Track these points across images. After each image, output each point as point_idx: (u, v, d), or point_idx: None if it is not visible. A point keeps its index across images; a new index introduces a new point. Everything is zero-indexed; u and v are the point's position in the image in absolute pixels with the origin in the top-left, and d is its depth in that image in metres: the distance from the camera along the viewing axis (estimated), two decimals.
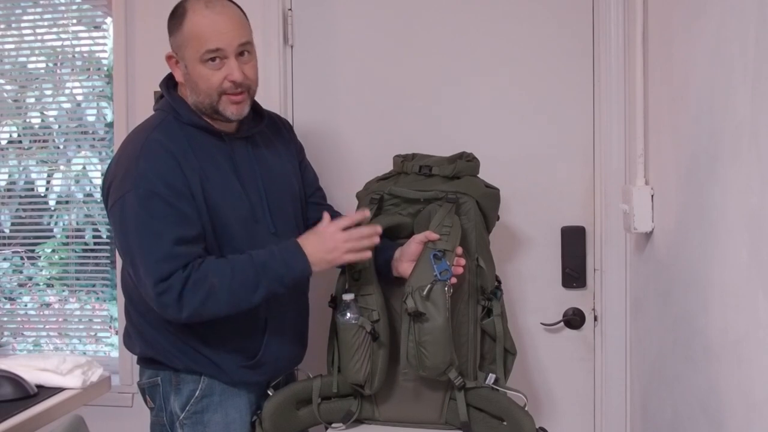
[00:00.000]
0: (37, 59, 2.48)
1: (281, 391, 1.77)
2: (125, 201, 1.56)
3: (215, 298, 1.55)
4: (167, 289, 1.53)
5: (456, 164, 1.80)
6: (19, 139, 2.51)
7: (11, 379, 1.58)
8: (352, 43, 2.23)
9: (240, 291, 1.57)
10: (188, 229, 1.57)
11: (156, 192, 1.55)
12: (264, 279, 1.57)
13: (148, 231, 1.55)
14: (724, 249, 1.23)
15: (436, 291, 1.59)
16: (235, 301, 1.58)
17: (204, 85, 1.62)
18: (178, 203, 1.56)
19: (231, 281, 1.56)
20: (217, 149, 1.68)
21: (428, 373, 1.63)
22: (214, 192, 1.63)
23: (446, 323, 1.59)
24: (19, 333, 2.57)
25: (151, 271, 1.54)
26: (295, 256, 1.60)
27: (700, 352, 1.37)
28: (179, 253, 1.54)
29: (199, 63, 1.61)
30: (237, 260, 1.59)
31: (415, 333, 1.60)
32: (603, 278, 2.10)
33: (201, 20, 1.60)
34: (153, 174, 1.57)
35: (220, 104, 1.64)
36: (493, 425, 1.69)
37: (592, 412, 2.15)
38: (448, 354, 1.61)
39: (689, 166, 1.44)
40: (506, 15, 2.14)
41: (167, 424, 1.72)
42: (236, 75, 1.62)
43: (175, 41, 1.65)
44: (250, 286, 1.57)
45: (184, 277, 1.54)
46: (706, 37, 1.33)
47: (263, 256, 1.59)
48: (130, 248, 1.58)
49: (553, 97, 2.13)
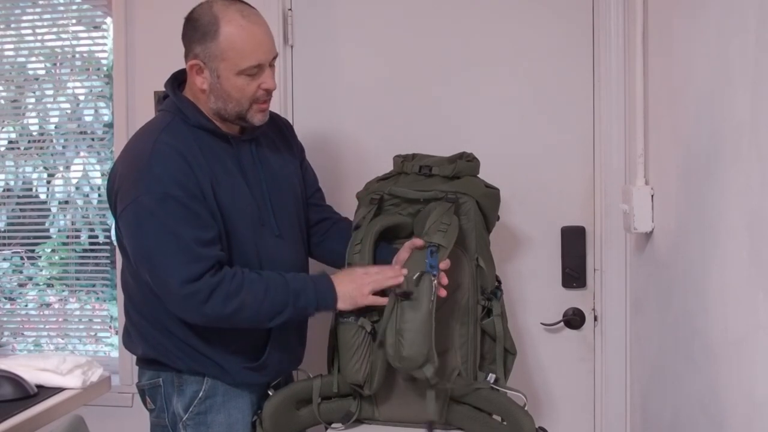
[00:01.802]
0: (36, 60, 2.48)
1: (281, 391, 1.77)
2: (139, 204, 1.55)
3: (242, 314, 1.57)
4: (195, 292, 1.53)
5: (456, 164, 1.80)
6: (18, 140, 2.51)
7: (11, 379, 1.58)
8: (352, 43, 2.23)
9: (267, 313, 1.60)
10: (206, 231, 1.57)
11: (171, 194, 1.55)
12: (292, 307, 1.60)
13: (166, 233, 1.54)
14: (724, 249, 1.23)
15: (425, 280, 1.58)
16: (257, 320, 1.61)
17: (237, 95, 1.62)
18: (193, 205, 1.56)
19: (262, 302, 1.58)
20: (224, 152, 1.67)
21: (404, 364, 1.58)
22: (224, 195, 1.63)
23: (428, 316, 1.56)
24: (19, 333, 2.57)
25: (177, 273, 1.53)
26: (326, 293, 1.63)
27: (700, 352, 1.37)
28: (203, 255, 1.55)
29: (235, 75, 1.60)
30: (272, 281, 1.60)
31: (396, 320, 1.58)
32: (603, 278, 2.10)
33: (240, 32, 1.58)
34: (166, 176, 1.56)
35: (249, 112, 1.65)
36: (492, 425, 1.69)
37: (592, 412, 2.15)
38: (425, 346, 1.57)
39: (689, 166, 1.44)
40: (506, 15, 2.14)
41: (169, 425, 1.71)
42: (272, 84, 1.64)
43: (205, 51, 1.60)
44: (277, 309, 1.60)
45: (215, 282, 1.54)
46: (706, 37, 1.33)
47: (298, 284, 1.62)
48: (148, 251, 1.57)
49: (553, 97, 2.13)
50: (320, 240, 1.89)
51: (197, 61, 1.61)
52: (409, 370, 1.61)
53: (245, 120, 1.66)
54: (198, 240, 1.55)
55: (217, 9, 1.60)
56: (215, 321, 1.58)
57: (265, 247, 1.68)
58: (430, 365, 1.58)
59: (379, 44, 2.21)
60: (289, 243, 1.76)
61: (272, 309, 1.59)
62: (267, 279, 1.60)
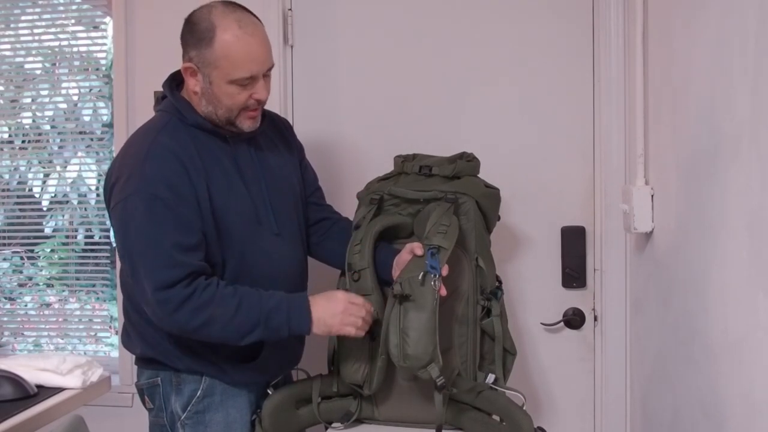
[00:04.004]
0: (34, 59, 2.48)
1: (281, 390, 1.77)
2: (127, 203, 1.56)
3: (210, 329, 1.56)
4: (165, 300, 1.53)
5: (456, 164, 1.80)
6: (17, 139, 2.51)
7: (11, 379, 1.59)
8: (352, 44, 2.23)
9: (236, 330, 1.57)
10: (188, 236, 1.57)
11: (159, 196, 1.55)
12: (263, 327, 1.58)
13: (148, 235, 1.55)
14: (724, 249, 1.23)
15: (428, 280, 1.58)
16: (226, 336, 1.59)
17: (228, 102, 1.62)
18: (180, 208, 1.56)
19: (232, 318, 1.56)
20: (221, 151, 1.68)
21: (409, 364, 1.57)
22: (220, 195, 1.63)
23: (432, 315, 1.56)
24: (19, 333, 2.57)
25: (152, 276, 1.54)
26: (300, 316, 1.60)
27: (700, 353, 1.37)
28: (179, 261, 1.54)
29: (226, 83, 1.60)
30: (245, 298, 1.58)
31: (399, 320, 1.57)
32: (603, 278, 2.10)
33: (235, 43, 1.58)
34: (158, 177, 1.56)
35: (238, 118, 1.65)
36: (491, 425, 1.69)
37: (592, 412, 2.15)
38: (430, 346, 1.56)
39: (689, 166, 1.44)
40: (506, 15, 2.14)
41: (168, 425, 1.72)
42: (263, 95, 1.64)
43: (199, 56, 1.60)
44: (247, 328, 1.57)
45: (186, 294, 1.53)
46: (706, 37, 1.33)
47: (271, 304, 1.59)
48: (130, 250, 1.58)
49: (553, 97, 2.13)
50: (320, 240, 1.89)
51: (191, 64, 1.62)
52: (414, 370, 1.60)
53: (234, 125, 1.66)
54: (178, 246, 1.54)
55: (216, 16, 1.60)
56: (184, 332, 1.58)
57: (262, 246, 1.68)
58: (434, 365, 1.58)
59: (379, 44, 2.21)
60: (288, 242, 1.76)
61: (242, 327, 1.57)
62: (241, 296, 1.58)
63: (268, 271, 1.69)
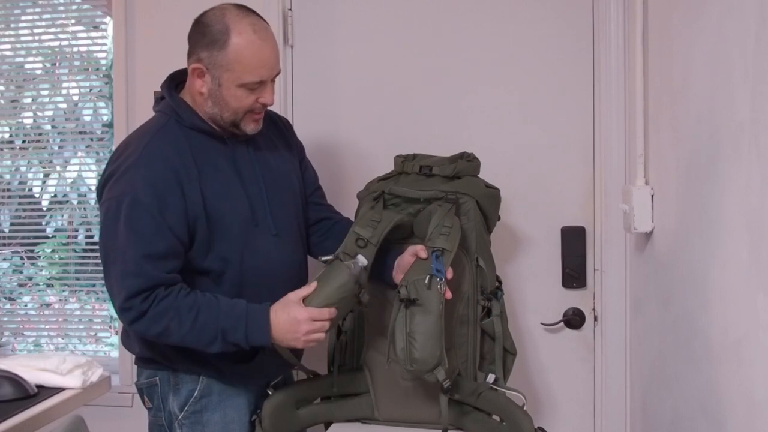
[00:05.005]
0: (34, 59, 2.48)
1: (281, 390, 1.77)
2: (111, 202, 1.57)
3: (168, 339, 1.58)
4: (129, 309, 1.55)
5: (456, 164, 1.80)
6: (17, 140, 2.52)
7: (11, 379, 1.59)
8: (352, 43, 2.23)
9: (195, 341, 1.58)
10: (161, 246, 1.56)
11: (141, 201, 1.55)
12: (221, 341, 1.58)
13: (123, 239, 1.55)
14: (724, 249, 1.23)
15: (435, 284, 1.58)
16: (188, 345, 1.60)
17: (235, 105, 1.63)
18: (160, 216, 1.56)
19: (189, 331, 1.56)
20: (218, 152, 1.68)
21: (416, 367, 1.57)
22: (215, 197, 1.63)
23: (438, 318, 1.56)
24: (19, 333, 2.57)
25: (120, 282, 1.55)
26: (260, 329, 1.58)
27: (700, 353, 1.37)
28: (146, 272, 1.54)
29: (236, 86, 1.61)
30: (203, 311, 1.57)
31: (406, 324, 1.57)
32: (603, 278, 2.10)
33: (249, 47, 1.59)
34: (144, 182, 1.57)
35: (243, 121, 1.66)
36: (491, 425, 1.69)
37: (592, 412, 2.15)
38: (437, 349, 1.56)
39: (689, 166, 1.44)
40: (506, 15, 2.14)
41: (166, 424, 1.72)
42: (270, 100, 1.65)
43: (210, 58, 1.60)
44: (206, 340, 1.58)
45: (144, 307, 1.54)
46: (706, 37, 1.33)
47: (230, 320, 1.57)
48: (105, 250, 1.60)
49: (553, 97, 2.13)
50: (320, 239, 1.89)
51: (200, 65, 1.62)
52: (421, 374, 1.60)
53: (238, 128, 1.67)
54: (148, 255, 1.54)
55: (230, 19, 1.60)
56: (149, 338, 1.61)
57: (260, 247, 1.67)
58: (441, 368, 1.58)
59: (379, 44, 2.21)
60: (287, 242, 1.75)
61: (200, 339, 1.57)
62: (198, 309, 1.57)
63: (267, 271, 1.69)
